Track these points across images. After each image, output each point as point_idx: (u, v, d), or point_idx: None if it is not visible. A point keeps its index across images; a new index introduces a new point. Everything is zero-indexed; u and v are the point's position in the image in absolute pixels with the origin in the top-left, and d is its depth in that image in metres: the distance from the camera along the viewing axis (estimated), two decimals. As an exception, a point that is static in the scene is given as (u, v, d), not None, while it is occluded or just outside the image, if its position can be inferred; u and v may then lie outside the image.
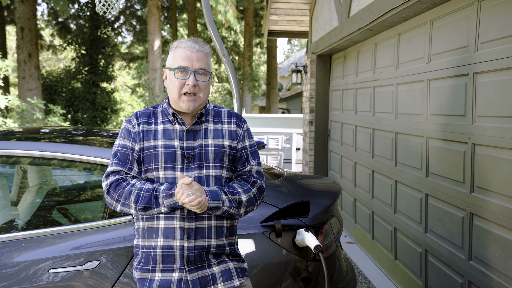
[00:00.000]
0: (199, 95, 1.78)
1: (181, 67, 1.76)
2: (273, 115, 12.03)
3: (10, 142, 2.40)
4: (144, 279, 1.79)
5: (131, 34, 25.60)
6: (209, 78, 1.82)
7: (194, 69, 1.76)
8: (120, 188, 1.72)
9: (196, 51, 1.78)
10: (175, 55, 1.80)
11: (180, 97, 1.77)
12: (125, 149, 1.79)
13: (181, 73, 1.77)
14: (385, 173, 4.14)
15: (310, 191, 2.72)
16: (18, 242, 2.15)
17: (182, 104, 1.77)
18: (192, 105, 1.77)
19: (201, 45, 1.80)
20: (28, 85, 13.08)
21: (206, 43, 1.86)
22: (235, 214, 1.80)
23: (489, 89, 2.61)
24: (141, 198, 1.70)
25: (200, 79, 1.78)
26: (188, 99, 1.76)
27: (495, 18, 2.56)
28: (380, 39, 4.30)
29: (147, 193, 1.70)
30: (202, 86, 1.79)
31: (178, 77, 1.77)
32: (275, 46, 20.64)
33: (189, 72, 1.76)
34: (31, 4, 13.05)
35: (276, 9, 6.80)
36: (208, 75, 1.80)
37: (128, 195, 1.71)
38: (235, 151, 1.87)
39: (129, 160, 1.78)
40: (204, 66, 1.78)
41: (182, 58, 1.77)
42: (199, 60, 1.77)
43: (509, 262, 2.44)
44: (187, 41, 1.81)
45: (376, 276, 4.20)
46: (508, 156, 2.43)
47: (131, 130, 1.82)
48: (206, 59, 1.81)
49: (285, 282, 2.24)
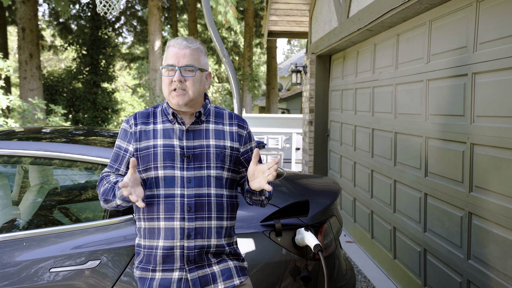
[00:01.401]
0: (187, 91, 1.78)
1: (168, 64, 1.79)
2: (273, 115, 12.03)
3: (11, 142, 2.42)
4: (144, 278, 1.80)
5: (132, 34, 25.62)
6: (198, 73, 1.81)
7: (180, 65, 1.77)
8: (101, 185, 1.82)
9: (183, 48, 1.79)
10: (166, 54, 1.83)
11: (170, 93, 1.79)
12: (119, 149, 1.87)
13: (169, 71, 1.79)
14: (384, 172, 4.15)
15: (310, 191, 2.73)
16: (20, 242, 2.17)
17: (172, 100, 1.79)
18: (181, 100, 1.78)
19: (189, 42, 1.81)
20: (29, 85, 13.09)
21: (199, 40, 1.87)
22: (262, 204, 1.88)
23: (487, 89, 2.62)
24: (104, 191, 1.79)
25: (187, 75, 1.78)
26: (177, 94, 1.78)
27: (494, 19, 2.57)
28: (380, 40, 4.31)
29: (109, 185, 1.78)
30: (190, 81, 1.79)
31: (166, 74, 1.80)
32: (275, 47, 20.66)
33: (175, 69, 1.78)
34: (32, 5, 13.06)
35: (276, 9, 6.82)
36: (195, 70, 1.80)
37: (101, 188, 1.81)
38: (237, 152, 1.88)
39: (119, 160, 1.86)
40: (191, 62, 1.79)
41: (170, 56, 1.79)
42: (185, 57, 1.78)
43: (507, 261, 2.45)
44: (177, 39, 1.83)
45: (375, 275, 4.22)
46: (507, 155, 2.45)
47: (128, 130, 1.85)
48: (195, 55, 1.80)
49: (285, 281, 2.25)
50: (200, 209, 1.76)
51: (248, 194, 1.85)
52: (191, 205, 1.75)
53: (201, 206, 1.77)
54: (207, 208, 1.78)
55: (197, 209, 1.76)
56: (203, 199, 1.77)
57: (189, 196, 1.75)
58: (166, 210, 1.76)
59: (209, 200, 1.78)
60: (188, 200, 1.75)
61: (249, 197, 1.88)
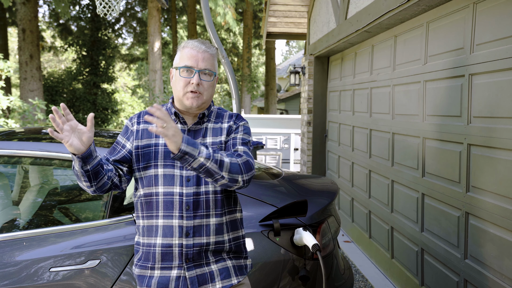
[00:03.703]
0: (202, 94, 1.81)
1: (186, 66, 1.80)
2: (272, 115, 12.05)
3: (11, 142, 2.43)
4: (143, 276, 1.81)
5: (132, 35, 25.64)
6: (214, 78, 1.85)
7: (199, 68, 1.80)
8: None
9: (202, 52, 1.81)
10: (182, 55, 1.84)
11: (184, 94, 1.81)
12: (117, 144, 1.89)
13: (186, 72, 1.81)
14: (382, 173, 4.17)
15: (308, 191, 2.75)
16: (20, 241, 2.18)
17: (186, 101, 1.81)
18: (195, 102, 1.80)
19: (207, 46, 1.84)
20: (29, 86, 13.11)
21: (213, 45, 1.89)
22: (215, 174, 1.62)
23: (484, 90, 2.64)
24: None
25: (204, 79, 1.81)
26: (192, 96, 1.80)
27: (491, 20, 2.59)
28: (377, 41, 4.33)
29: None
30: (206, 85, 1.82)
31: (183, 75, 1.81)
32: (274, 48, 20.67)
33: (194, 71, 1.79)
34: (32, 6, 13.08)
35: (275, 11, 6.84)
36: (212, 75, 1.84)
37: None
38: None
39: (113, 153, 1.86)
40: (209, 67, 1.82)
41: (188, 58, 1.81)
42: (204, 60, 1.81)
43: (504, 261, 2.47)
44: (194, 42, 1.85)
45: (373, 274, 4.23)
46: (503, 156, 2.47)
47: (129, 128, 1.89)
48: (212, 60, 1.85)
49: (283, 281, 2.26)
50: (199, 207, 1.78)
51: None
52: (189, 203, 1.77)
53: (200, 204, 1.78)
54: (205, 206, 1.79)
55: (195, 207, 1.77)
56: (201, 197, 1.79)
57: (187, 194, 1.77)
58: (165, 208, 1.77)
59: (207, 198, 1.80)
60: (187, 199, 1.77)
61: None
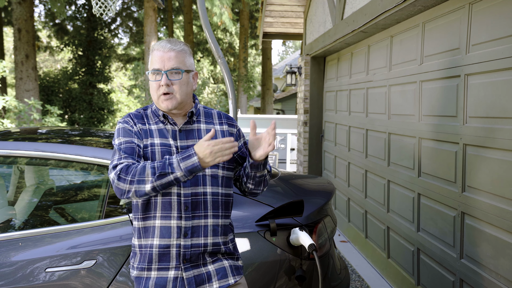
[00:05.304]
0: (175, 95, 1.78)
1: (154, 69, 1.78)
2: (268, 115, 12.07)
3: (7, 142, 2.42)
4: (140, 277, 1.81)
5: (128, 35, 25.60)
6: (183, 76, 1.80)
7: (166, 69, 1.77)
8: (133, 169, 1.66)
9: (168, 51, 1.78)
10: (151, 58, 1.81)
11: (159, 97, 1.79)
12: (130, 144, 1.77)
13: (155, 75, 1.79)
14: (378, 173, 4.18)
15: (305, 191, 2.75)
16: (15, 242, 2.17)
17: (162, 104, 1.79)
18: (170, 104, 1.78)
19: (173, 44, 1.80)
20: (25, 86, 13.06)
21: (184, 42, 1.86)
22: (266, 182, 1.90)
23: (480, 90, 2.65)
24: (156, 168, 1.64)
25: (173, 78, 1.78)
26: (165, 98, 1.78)
27: (486, 21, 2.60)
28: (373, 41, 4.34)
29: (160, 163, 1.65)
30: (177, 85, 1.78)
31: (153, 79, 1.79)
32: (270, 48, 20.69)
33: (161, 73, 1.77)
34: (28, 6, 13.04)
35: (271, 11, 6.84)
36: (181, 73, 1.79)
37: (143, 170, 1.65)
38: None
39: (136, 153, 1.75)
40: (176, 65, 1.78)
41: (155, 60, 1.78)
42: (170, 60, 1.77)
43: (499, 260, 2.48)
44: (161, 42, 1.81)
45: (369, 274, 4.24)
46: (498, 156, 2.48)
47: (132, 129, 1.81)
48: (180, 57, 1.80)
49: (279, 280, 2.26)
50: (197, 207, 1.78)
51: (252, 173, 1.82)
52: (187, 204, 1.76)
53: (198, 205, 1.78)
54: (203, 207, 1.79)
55: (193, 208, 1.77)
56: (199, 198, 1.79)
57: (185, 195, 1.77)
58: (163, 209, 1.77)
59: (205, 198, 1.80)
60: (185, 199, 1.76)
61: (252, 179, 1.84)
